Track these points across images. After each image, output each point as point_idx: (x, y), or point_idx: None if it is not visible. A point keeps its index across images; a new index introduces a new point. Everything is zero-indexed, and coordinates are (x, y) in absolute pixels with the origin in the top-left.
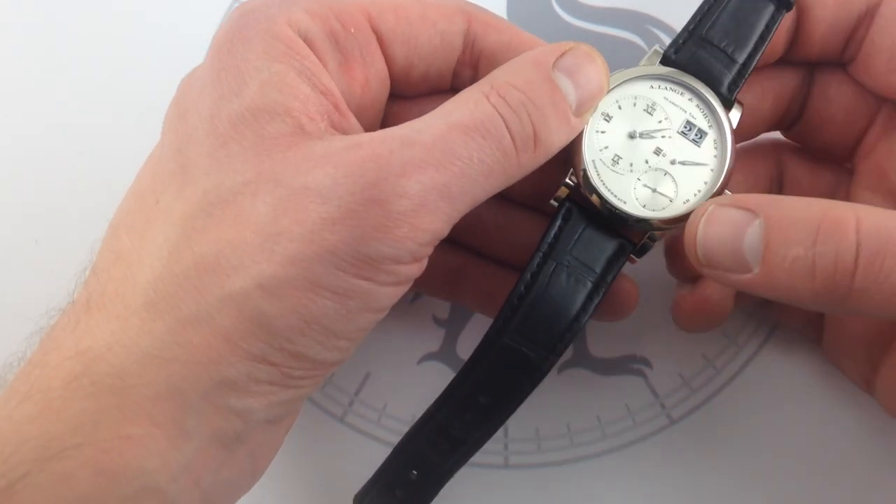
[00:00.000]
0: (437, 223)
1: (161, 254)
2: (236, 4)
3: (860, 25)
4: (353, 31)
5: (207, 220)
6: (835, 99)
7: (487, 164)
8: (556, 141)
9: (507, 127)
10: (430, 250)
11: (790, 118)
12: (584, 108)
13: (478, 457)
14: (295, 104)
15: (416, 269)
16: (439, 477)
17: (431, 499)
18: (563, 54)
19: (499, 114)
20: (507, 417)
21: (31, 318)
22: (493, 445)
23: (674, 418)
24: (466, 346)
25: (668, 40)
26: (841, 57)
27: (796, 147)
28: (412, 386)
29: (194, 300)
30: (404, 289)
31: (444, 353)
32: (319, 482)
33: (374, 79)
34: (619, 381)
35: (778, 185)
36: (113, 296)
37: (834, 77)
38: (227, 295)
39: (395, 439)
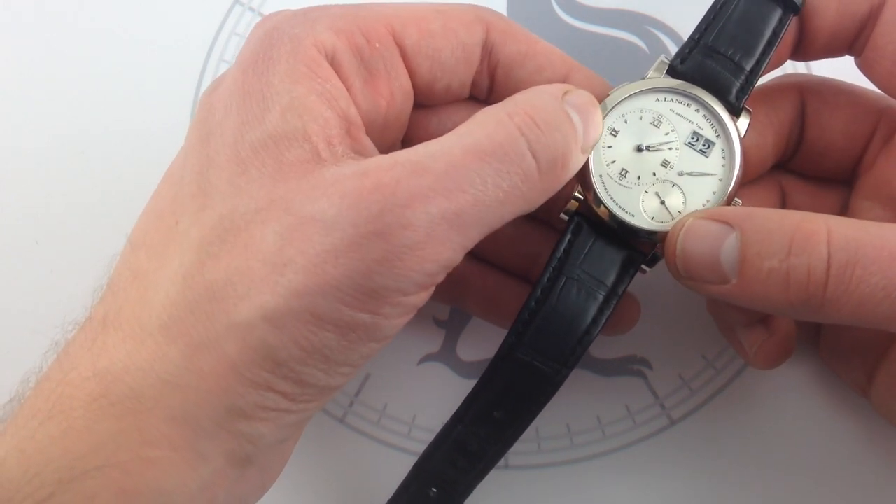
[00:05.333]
0: (447, 253)
1: (176, 278)
2: (236, 7)
3: (864, 27)
4: (377, 45)
5: (221, 247)
6: (829, 125)
7: (504, 189)
8: (574, 168)
9: (531, 148)
10: (439, 279)
11: (790, 150)
12: (589, 141)
13: None
14: (314, 128)
15: (423, 298)
16: (459, 493)
17: None
18: (567, 92)
19: (522, 134)
20: (522, 431)
21: (32, 317)
22: None
23: (674, 419)
24: (466, 346)
25: (668, 41)
26: (848, 52)
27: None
28: (412, 387)
29: (204, 327)
30: (409, 317)
31: (445, 354)
32: (320, 483)
33: (398, 92)
34: (620, 382)
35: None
36: (129, 316)
37: (826, 104)
38: (233, 324)
39: (396, 440)
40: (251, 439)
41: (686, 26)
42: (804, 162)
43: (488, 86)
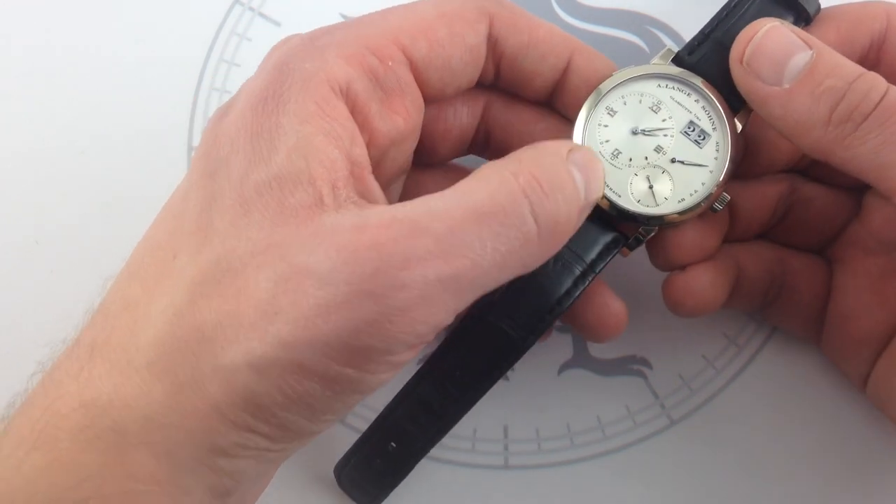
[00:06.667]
0: (439, 315)
1: (166, 315)
2: (236, 7)
3: (867, 57)
4: (390, 63)
5: (214, 288)
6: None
7: (502, 252)
8: (572, 229)
9: (533, 211)
10: (429, 339)
11: (809, 158)
12: (591, 200)
13: (478, 457)
14: (319, 171)
15: (411, 356)
16: (418, 449)
17: (409, 470)
18: (572, 150)
19: (526, 196)
20: (483, 392)
21: (31, 318)
22: (493, 446)
23: (674, 419)
24: None
25: (668, 41)
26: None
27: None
28: None
29: (191, 367)
30: (395, 373)
31: None
32: (319, 483)
33: (412, 106)
34: (620, 382)
35: (786, 204)
36: (117, 347)
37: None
38: (219, 366)
39: None
40: (232, 475)
41: (686, 26)
42: (825, 169)
43: (494, 73)
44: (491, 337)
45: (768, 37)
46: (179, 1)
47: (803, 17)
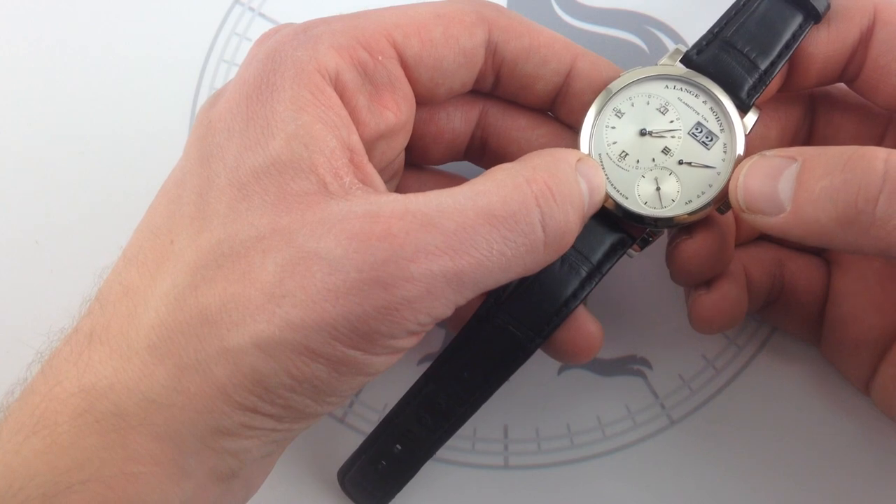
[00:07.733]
0: (440, 308)
1: (168, 299)
2: (236, 7)
3: (856, 51)
4: (380, 58)
5: (216, 272)
6: (840, 127)
7: (507, 256)
8: (572, 240)
9: (543, 220)
10: (429, 328)
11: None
12: (591, 212)
13: (478, 457)
14: (320, 160)
15: (413, 342)
16: (423, 451)
17: (415, 472)
18: (581, 160)
19: (538, 205)
20: (491, 393)
21: (31, 317)
22: (493, 446)
23: (674, 419)
24: None
25: (668, 41)
26: (840, 79)
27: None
28: None
29: (194, 349)
30: (398, 357)
31: None
32: (320, 482)
33: (403, 102)
34: (619, 382)
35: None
36: (117, 333)
37: (836, 107)
38: (225, 348)
39: None
40: (236, 455)
41: (686, 26)
42: None
43: (493, 80)
44: (498, 339)
45: (750, 175)
46: (179, 1)
47: (812, 16)
